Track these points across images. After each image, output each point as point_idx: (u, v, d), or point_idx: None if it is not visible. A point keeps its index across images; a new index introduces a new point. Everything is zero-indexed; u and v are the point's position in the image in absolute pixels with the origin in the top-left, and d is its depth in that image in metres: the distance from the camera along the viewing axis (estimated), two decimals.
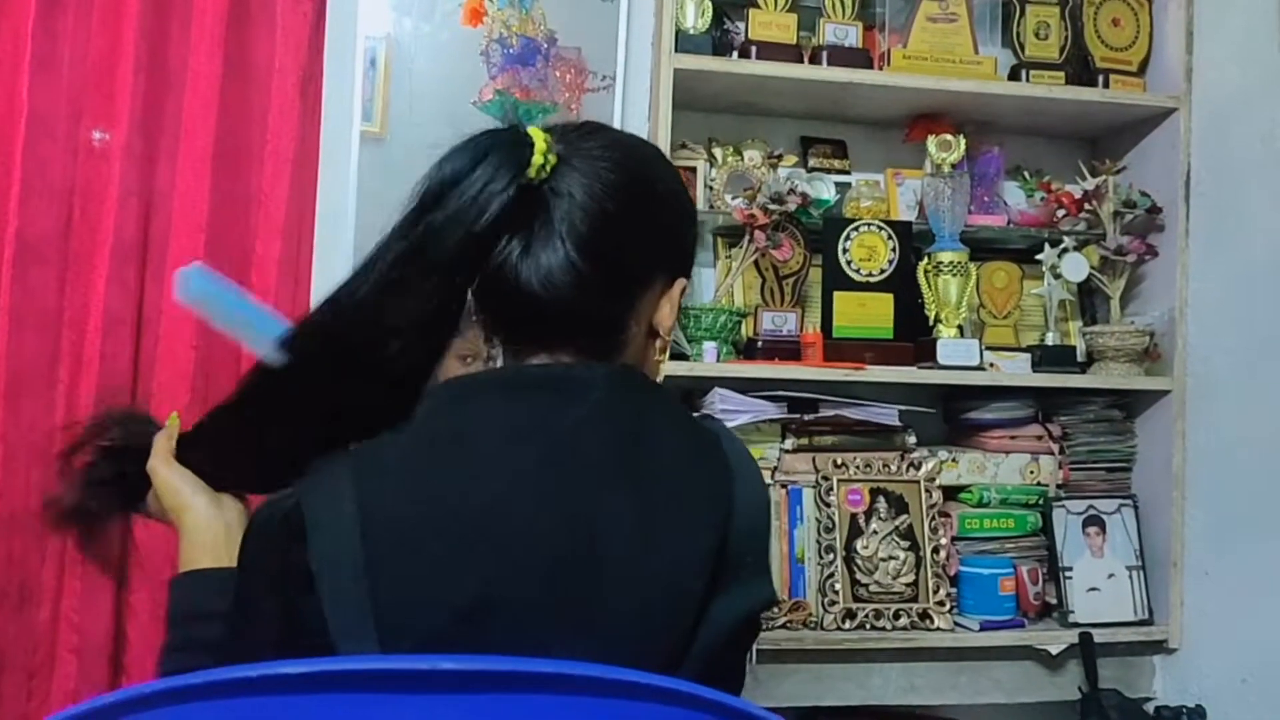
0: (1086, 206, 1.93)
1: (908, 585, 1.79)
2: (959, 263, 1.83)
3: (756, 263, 1.86)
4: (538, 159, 0.73)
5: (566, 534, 0.66)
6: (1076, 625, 1.82)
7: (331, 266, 1.76)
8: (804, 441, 1.83)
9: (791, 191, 1.78)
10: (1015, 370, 1.87)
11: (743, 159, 1.90)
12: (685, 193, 0.86)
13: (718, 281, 1.90)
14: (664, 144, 1.75)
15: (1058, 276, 1.91)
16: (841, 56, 1.83)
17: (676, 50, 1.76)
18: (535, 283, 0.73)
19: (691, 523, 0.69)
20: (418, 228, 0.72)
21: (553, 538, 0.66)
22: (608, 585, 0.66)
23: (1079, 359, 1.94)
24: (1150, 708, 1.85)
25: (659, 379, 0.82)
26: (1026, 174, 2.05)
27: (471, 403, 0.72)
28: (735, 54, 1.83)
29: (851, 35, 1.87)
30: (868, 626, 1.75)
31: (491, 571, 0.64)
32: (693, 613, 0.67)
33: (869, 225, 1.86)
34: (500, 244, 0.73)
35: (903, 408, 1.84)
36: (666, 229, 0.82)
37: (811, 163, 1.98)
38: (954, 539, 1.84)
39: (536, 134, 0.75)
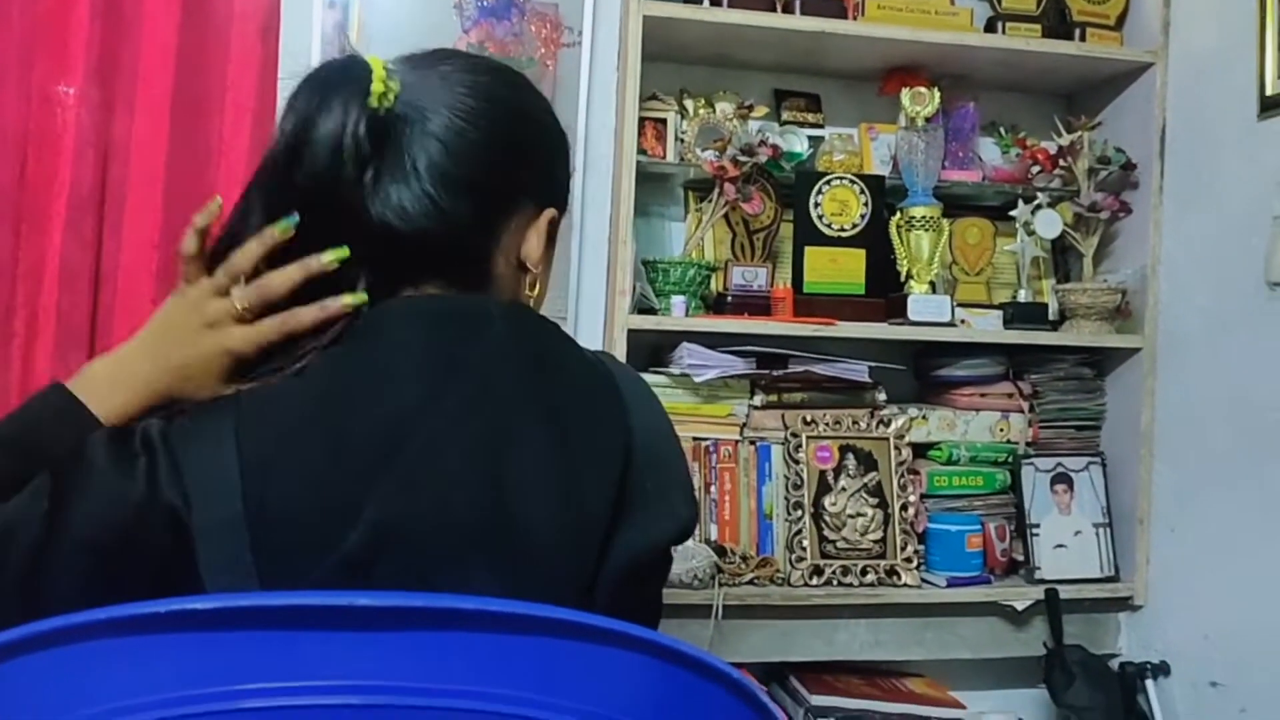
0: (1061, 163, 1.92)
1: (875, 542, 1.79)
2: (932, 218, 1.81)
3: (727, 216, 1.84)
4: (377, 86, 0.70)
5: (474, 470, 0.64)
6: (1043, 582, 1.82)
7: None
8: (773, 398, 1.82)
9: (763, 143, 1.76)
10: (986, 327, 1.86)
11: (714, 111, 1.87)
12: (554, 119, 0.81)
13: (687, 235, 1.88)
14: (633, 95, 1.72)
15: (1031, 233, 1.90)
16: (815, 5, 1.80)
17: None
18: (389, 216, 0.70)
19: (597, 454, 0.68)
20: (284, 193, 0.70)
21: (459, 473, 0.63)
22: (518, 521, 0.64)
23: (1050, 316, 1.93)
24: (1115, 664, 1.86)
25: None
26: (1002, 129, 2.03)
27: (376, 338, 0.69)
28: (707, 2, 1.79)
29: None
30: (835, 583, 1.75)
31: (387, 509, 0.62)
32: (598, 547, 0.66)
33: (841, 179, 1.84)
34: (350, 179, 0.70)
35: (873, 364, 1.84)
36: (531, 156, 0.78)
37: (784, 116, 1.96)
38: (922, 496, 1.84)
39: (374, 61, 0.72)
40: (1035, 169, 1.94)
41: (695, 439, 1.77)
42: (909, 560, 1.78)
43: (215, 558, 0.61)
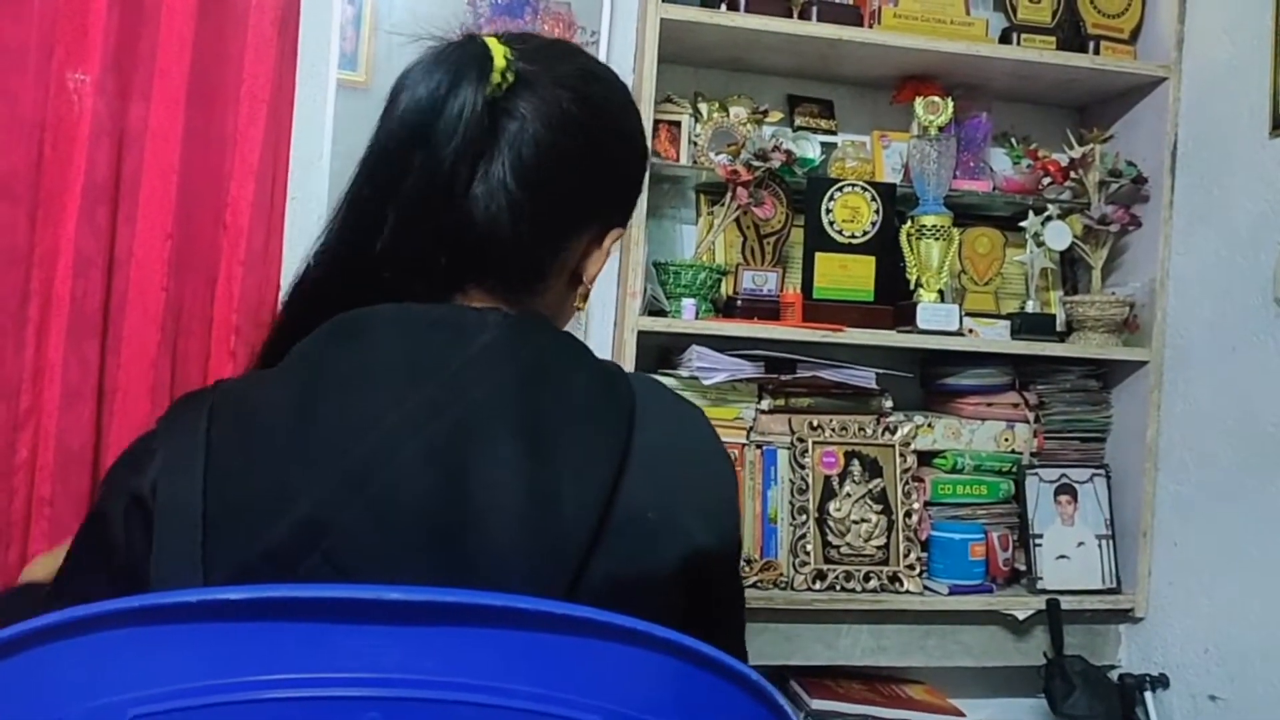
0: (1072, 175, 1.92)
1: (879, 548, 1.79)
2: (942, 227, 1.82)
3: (738, 220, 1.84)
4: (495, 77, 0.68)
5: (426, 471, 0.61)
6: (1044, 592, 1.83)
7: (306, 212, 1.73)
8: (780, 402, 1.82)
9: (776, 149, 1.76)
10: (994, 337, 1.87)
11: (728, 115, 1.88)
12: (645, 138, 0.81)
13: (699, 238, 1.88)
14: (648, 97, 1.73)
15: (1040, 244, 1.91)
16: (831, 13, 1.81)
17: (664, 0, 1.72)
18: (471, 209, 0.69)
19: (580, 467, 0.64)
20: (407, 166, 0.68)
21: (408, 474, 0.61)
22: (472, 527, 0.61)
23: (1058, 328, 1.94)
24: (1114, 675, 1.86)
25: (570, 324, 0.79)
26: (1013, 140, 2.03)
27: (357, 339, 0.67)
28: (724, 6, 1.80)
29: None
30: (838, 588, 1.76)
31: (321, 504, 0.60)
32: (572, 565, 0.61)
33: (853, 186, 1.85)
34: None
35: (880, 371, 1.84)
36: (618, 177, 0.77)
37: (798, 121, 1.96)
38: (926, 504, 1.85)
39: (495, 47, 0.69)
40: (1046, 180, 1.94)
41: None
42: (912, 567, 1.79)
43: (169, 547, 0.62)
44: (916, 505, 1.82)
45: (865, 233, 1.85)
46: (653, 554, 0.65)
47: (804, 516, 1.78)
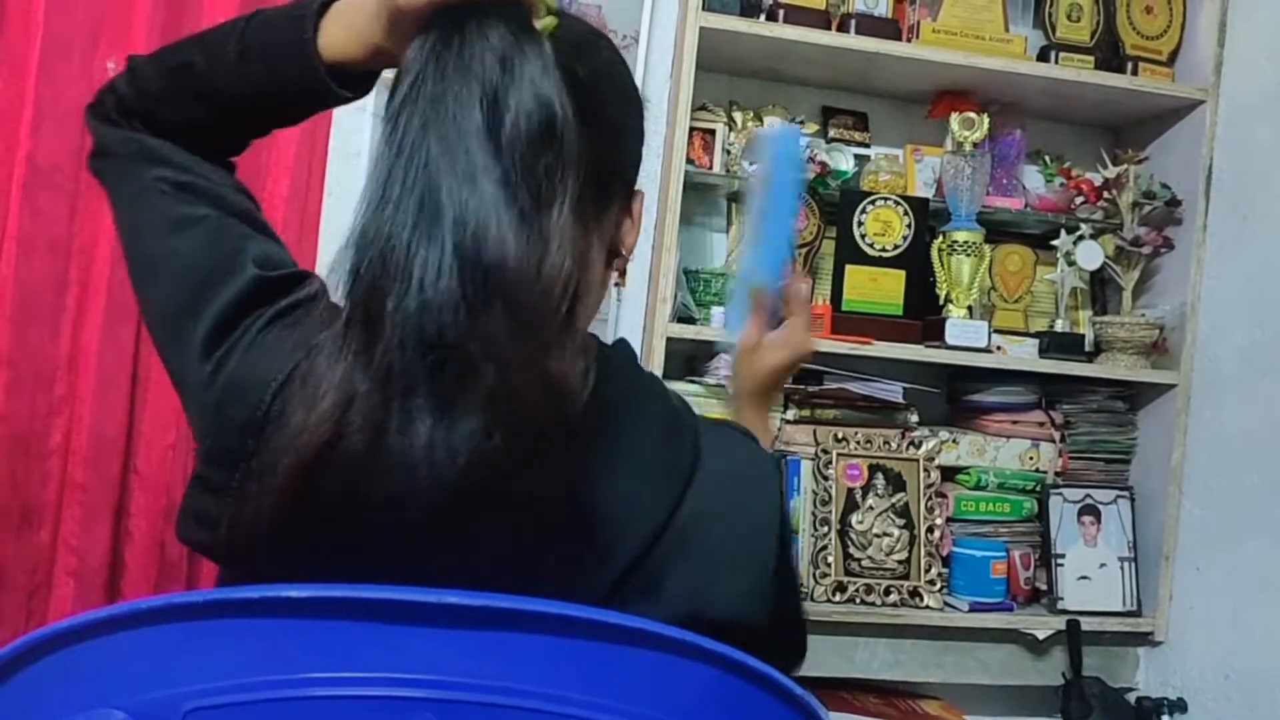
0: (1105, 195, 1.92)
1: (900, 563, 1.79)
2: (973, 243, 1.82)
3: None
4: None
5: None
6: (1065, 612, 1.82)
7: (342, 207, 1.74)
8: (806, 413, 1.83)
9: (810, 160, 1.77)
10: (1022, 355, 1.86)
11: (763, 124, 1.88)
12: (634, 81, 0.74)
13: (729, 247, 1.89)
14: (685, 104, 1.73)
15: (1071, 264, 1.90)
16: (870, 26, 1.81)
17: (704, 9, 1.73)
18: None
19: (614, 530, 0.64)
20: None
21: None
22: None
23: (1086, 348, 1.93)
24: (1132, 698, 1.86)
25: (597, 325, 0.75)
26: (1047, 158, 2.03)
27: None
28: (763, 16, 1.80)
29: (882, 5, 1.84)
30: (857, 601, 1.76)
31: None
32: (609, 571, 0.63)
33: (885, 199, 1.85)
34: None
35: (907, 385, 1.84)
36: (638, 146, 0.72)
37: (831, 133, 1.96)
38: (949, 519, 1.85)
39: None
40: (1079, 200, 1.94)
41: None
42: (932, 583, 1.79)
43: (216, 446, 0.65)
44: (939, 521, 1.82)
45: (896, 246, 1.85)
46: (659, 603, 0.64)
47: (826, 528, 1.78)
